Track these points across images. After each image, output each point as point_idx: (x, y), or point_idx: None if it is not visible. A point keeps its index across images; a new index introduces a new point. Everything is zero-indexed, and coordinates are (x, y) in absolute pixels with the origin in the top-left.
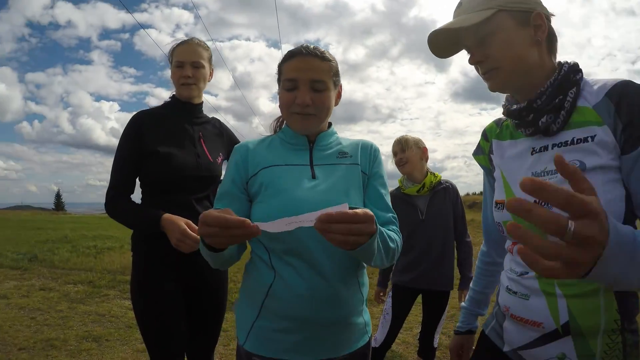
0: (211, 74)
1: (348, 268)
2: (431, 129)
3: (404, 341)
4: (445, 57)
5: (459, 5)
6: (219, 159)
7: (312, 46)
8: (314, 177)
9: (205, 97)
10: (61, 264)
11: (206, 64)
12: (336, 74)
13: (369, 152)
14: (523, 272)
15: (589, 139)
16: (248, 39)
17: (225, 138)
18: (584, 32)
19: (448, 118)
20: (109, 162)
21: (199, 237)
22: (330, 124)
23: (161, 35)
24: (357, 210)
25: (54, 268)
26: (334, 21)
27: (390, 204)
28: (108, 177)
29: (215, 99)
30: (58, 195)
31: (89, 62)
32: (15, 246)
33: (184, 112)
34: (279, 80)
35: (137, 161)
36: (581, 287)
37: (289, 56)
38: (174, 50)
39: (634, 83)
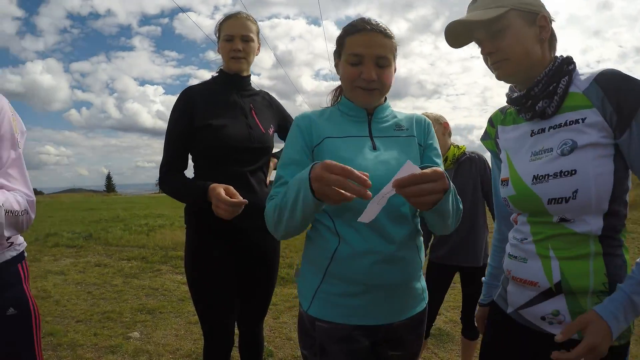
0: (258, 48)
1: (409, 232)
2: (478, 105)
3: (451, 319)
4: (457, 47)
5: (474, 1)
6: (271, 130)
7: (374, 21)
8: (374, 148)
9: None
10: (115, 242)
11: (255, 38)
12: (396, 50)
13: (423, 126)
14: (523, 239)
15: (580, 120)
16: (288, 17)
17: (275, 110)
18: (636, 3)
19: (495, 94)
20: (156, 143)
21: (234, 200)
22: (385, 98)
23: (200, 17)
24: (425, 171)
25: (108, 245)
26: None
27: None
28: (156, 158)
29: (258, 78)
30: (108, 178)
31: (131, 49)
32: (70, 226)
33: (233, 84)
34: (338, 53)
35: (188, 136)
36: (573, 251)
37: (353, 30)
38: (221, 25)
39: (619, 71)
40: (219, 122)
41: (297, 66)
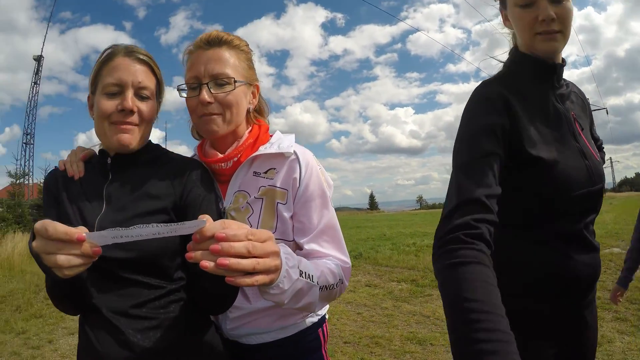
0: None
1: None
2: None
3: None
4: None
5: None
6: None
7: None
8: None
9: None
10: (384, 262)
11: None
12: None
13: None
14: None
15: None
16: None
17: (588, 111)
18: None
19: None
20: (414, 162)
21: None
22: None
23: (430, 33)
24: None
25: (378, 265)
26: None
27: None
28: (415, 175)
29: None
30: (371, 197)
31: (374, 78)
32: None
33: (548, 79)
34: None
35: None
36: None
37: None
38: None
39: None
40: (551, 156)
41: None
